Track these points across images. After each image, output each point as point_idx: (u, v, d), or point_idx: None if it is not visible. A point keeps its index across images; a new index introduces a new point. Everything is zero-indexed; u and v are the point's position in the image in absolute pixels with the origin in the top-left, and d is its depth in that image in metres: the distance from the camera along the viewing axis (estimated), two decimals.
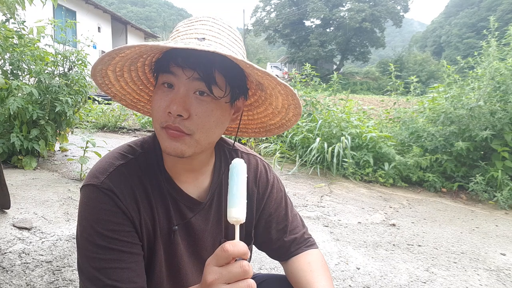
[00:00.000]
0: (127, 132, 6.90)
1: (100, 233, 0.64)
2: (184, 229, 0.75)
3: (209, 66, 0.62)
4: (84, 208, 0.67)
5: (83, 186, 0.68)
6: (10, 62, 3.41)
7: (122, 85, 0.76)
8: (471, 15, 48.39)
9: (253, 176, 0.85)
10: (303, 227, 0.90)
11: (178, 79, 0.63)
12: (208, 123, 0.65)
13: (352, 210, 2.96)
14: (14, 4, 2.16)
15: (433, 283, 1.80)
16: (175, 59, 0.62)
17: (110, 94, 0.77)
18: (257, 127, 0.87)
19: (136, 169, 0.71)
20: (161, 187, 0.72)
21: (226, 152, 0.84)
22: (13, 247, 1.80)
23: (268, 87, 0.72)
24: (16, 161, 3.41)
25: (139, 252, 0.68)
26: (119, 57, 0.64)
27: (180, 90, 0.63)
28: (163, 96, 0.65)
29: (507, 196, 3.31)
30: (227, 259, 0.52)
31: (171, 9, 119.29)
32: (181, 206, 0.74)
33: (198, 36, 0.64)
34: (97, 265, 0.64)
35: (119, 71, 0.71)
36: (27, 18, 3.43)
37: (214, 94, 0.64)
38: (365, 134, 4.24)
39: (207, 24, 0.67)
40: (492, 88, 3.73)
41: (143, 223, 0.69)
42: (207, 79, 0.62)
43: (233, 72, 0.66)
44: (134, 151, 0.73)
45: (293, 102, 0.73)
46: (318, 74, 5.59)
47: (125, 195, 0.67)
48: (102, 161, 0.71)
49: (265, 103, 0.79)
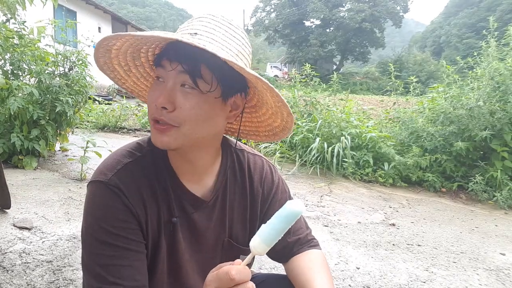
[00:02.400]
0: (128, 132, 6.90)
1: (106, 230, 0.65)
2: (186, 225, 0.75)
3: (194, 59, 0.62)
4: (90, 204, 0.67)
5: (90, 182, 0.69)
6: (11, 62, 3.41)
7: (134, 81, 0.80)
8: (470, 15, 48.40)
9: (259, 177, 0.85)
10: (307, 228, 0.90)
11: (166, 72, 0.65)
12: (195, 116, 0.65)
13: (352, 210, 2.96)
14: (15, 4, 2.17)
15: (432, 283, 1.80)
16: (168, 53, 0.64)
17: (128, 90, 0.82)
18: (266, 129, 0.86)
19: (143, 167, 0.71)
20: (166, 183, 0.73)
21: (233, 152, 0.84)
22: (13, 247, 1.80)
23: (258, 86, 0.71)
24: (16, 161, 3.42)
25: (142, 250, 0.69)
26: (115, 50, 0.66)
27: (168, 84, 0.64)
28: (154, 89, 0.67)
29: (506, 196, 3.32)
30: (230, 285, 0.51)
31: (171, 10, 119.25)
32: (184, 204, 0.74)
33: (191, 32, 0.65)
34: (101, 262, 0.64)
35: (125, 65, 0.74)
36: (27, 18, 3.44)
37: (200, 88, 0.64)
38: (365, 134, 4.25)
39: (204, 21, 0.68)
40: (492, 88, 3.73)
41: (149, 221, 0.69)
42: (192, 72, 0.63)
43: (225, 68, 0.64)
44: (142, 149, 0.74)
45: (278, 99, 0.69)
46: (318, 74, 5.60)
47: (131, 193, 0.67)
48: (110, 158, 0.72)
49: (267, 104, 0.79)
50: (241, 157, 0.85)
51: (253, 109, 0.83)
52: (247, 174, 0.84)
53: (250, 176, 0.84)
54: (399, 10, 36.30)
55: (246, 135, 0.90)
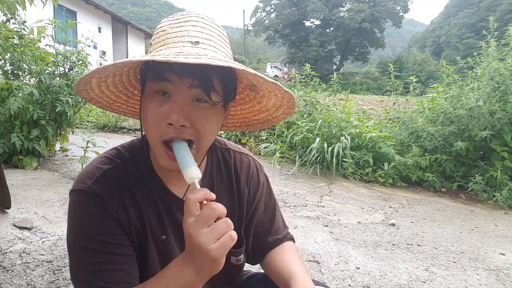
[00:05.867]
0: (128, 132, 6.91)
1: (90, 237, 0.64)
2: (177, 232, 0.74)
3: (207, 73, 0.60)
4: (72, 213, 0.67)
5: (71, 192, 0.68)
6: (11, 62, 3.42)
7: (102, 89, 0.71)
8: (470, 15, 48.41)
9: (245, 176, 0.85)
10: (284, 227, 0.91)
11: (175, 87, 0.60)
12: (209, 129, 0.65)
13: (352, 210, 2.97)
14: (15, 4, 2.17)
15: (432, 283, 1.80)
16: (170, 66, 0.59)
17: (87, 98, 0.72)
18: (238, 122, 0.85)
19: (124, 174, 0.70)
20: (152, 191, 0.72)
21: (218, 152, 0.84)
22: (13, 246, 1.80)
23: (263, 90, 0.71)
24: (16, 161, 3.42)
25: (131, 253, 0.68)
26: (113, 67, 0.61)
27: (177, 99, 0.61)
28: (158, 105, 0.62)
29: (506, 196, 3.32)
30: (214, 217, 0.54)
31: (171, 10, 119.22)
32: (173, 210, 0.73)
33: (191, 40, 0.62)
34: (88, 269, 0.63)
35: (104, 77, 0.67)
36: (27, 18, 3.44)
37: (213, 100, 0.62)
38: (365, 134, 4.25)
39: (197, 26, 0.64)
40: (492, 88, 3.74)
41: (132, 227, 0.68)
42: (206, 86, 0.61)
43: (228, 76, 0.66)
44: (122, 155, 0.72)
45: (287, 103, 0.72)
46: (318, 74, 5.60)
47: (112, 199, 0.66)
48: (89, 165, 0.71)
49: (253, 102, 0.78)
50: (227, 156, 0.84)
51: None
52: (233, 174, 0.83)
53: (236, 175, 0.83)
54: (399, 10, 36.34)
55: (236, 127, 0.88)
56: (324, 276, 1.79)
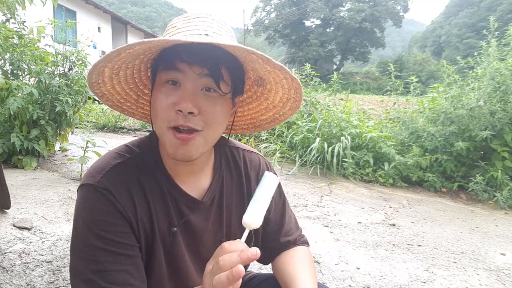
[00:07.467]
0: (127, 132, 6.90)
1: (97, 234, 0.63)
2: (184, 228, 0.74)
3: (216, 62, 0.62)
4: (80, 209, 0.66)
5: (80, 186, 0.68)
6: (10, 62, 3.41)
7: (114, 84, 0.73)
8: (471, 15, 48.38)
9: (255, 175, 0.84)
10: (297, 228, 0.91)
11: (184, 76, 0.62)
12: (217, 119, 0.65)
13: (352, 210, 2.96)
14: (14, 4, 2.17)
15: (433, 283, 1.80)
16: (180, 55, 0.61)
17: (99, 94, 0.73)
18: (246, 123, 0.86)
19: (133, 168, 0.70)
20: (161, 186, 0.71)
21: (227, 150, 0.83)
22: (13, 247, 1.80)
23: (270, 82, 0.72)
24: (16, 161, 3.42)
25: (136, 254, 0.67)
26: (126, 53, 0.61)
27: (187, 87, 0.62)
28: (168, 93, 0.63)
29: (507, 196, 3.31)
30: (222, 254, 0.54)
31: (171, 9, 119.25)
32: (181, 206, 0.73)
33: (201, 33, 0.64)
34: (93, 267, 0.62)
35: (117, 68, 0.68)
36: (27, 18, 3.44)
37: (222, 89, 0.64)
38: (365, 134, 4.24)
39: (206, 21, 0.67)
40: (492, 88, 3.73)
41: (140, 223, 0.68)
42: (216, 75, 0.62)
43: (237, 68, 0.67)
44: (132, 151, 0.73)
45: (294, 96, 0.73)
46: (318, 74, 5.60)
47: (121, 194, 0.66)
48: (99, 160, 0.71)
49: (260, 99, 0.79)
50: (236, 155, 0.84)
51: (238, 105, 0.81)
52: (243, 172, 0.83)
53: (246, 174, 0.83)
54: (399, 10, 36.30)
55: (243, 130, 0.88)
56: (324, 277, 1.79)
